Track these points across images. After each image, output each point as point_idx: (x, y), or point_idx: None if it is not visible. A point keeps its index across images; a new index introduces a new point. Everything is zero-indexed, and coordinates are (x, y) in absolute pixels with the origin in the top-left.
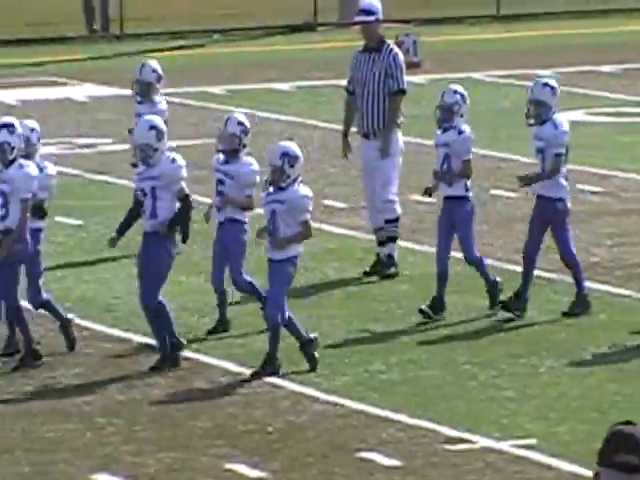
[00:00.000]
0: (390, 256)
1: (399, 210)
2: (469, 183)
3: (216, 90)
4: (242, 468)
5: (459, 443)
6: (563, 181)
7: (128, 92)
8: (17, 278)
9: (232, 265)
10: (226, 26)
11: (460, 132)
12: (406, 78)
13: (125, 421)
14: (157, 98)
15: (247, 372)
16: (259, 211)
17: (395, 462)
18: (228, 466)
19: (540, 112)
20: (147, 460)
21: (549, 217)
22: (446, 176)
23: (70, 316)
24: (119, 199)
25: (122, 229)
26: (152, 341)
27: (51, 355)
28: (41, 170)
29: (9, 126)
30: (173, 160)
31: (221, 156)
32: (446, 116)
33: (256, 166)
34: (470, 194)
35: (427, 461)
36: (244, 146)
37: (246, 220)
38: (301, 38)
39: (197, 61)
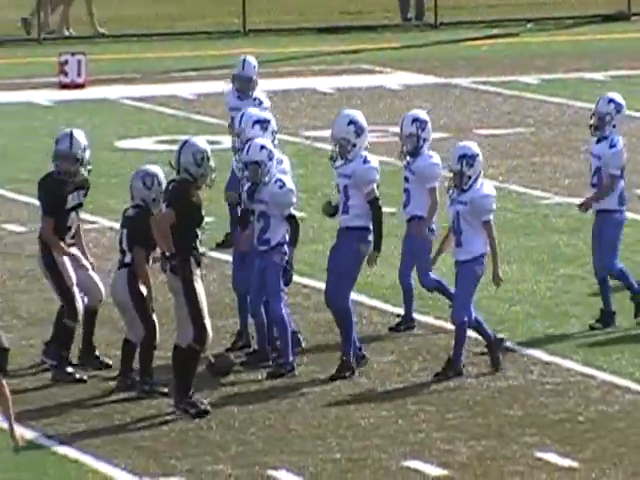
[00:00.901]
0: None
1: None
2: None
3: (530, 79)
4: (553, 457)
5: None
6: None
7: (442, 81)
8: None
9: (419, 264)
10: (538, 15)
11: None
12: None
13: (437, 408)
14: (257, 94)
15: (560, 362)
16: None
17: None
18: (539, 455)
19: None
20: (459, 447)
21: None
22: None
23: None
24: None
25: None
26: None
27: (368, 342)
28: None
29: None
30: (365, 160)
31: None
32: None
33: (437, 159)
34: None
35: None
36: (424, 141)
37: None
38: (614, 27)
39: (510, 50)
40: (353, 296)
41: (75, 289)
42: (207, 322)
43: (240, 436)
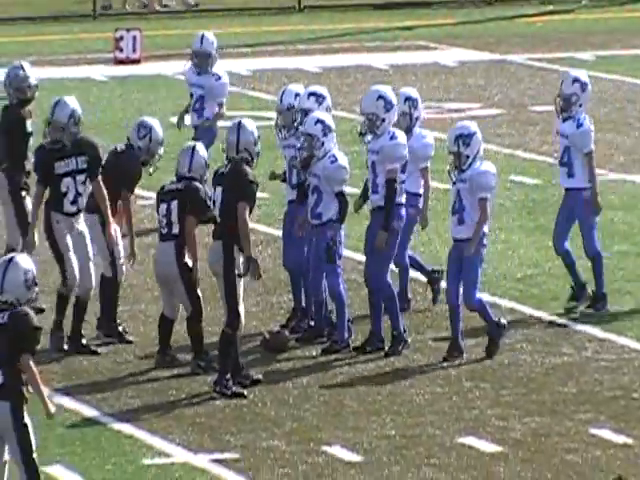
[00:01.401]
0: None
1: None
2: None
3: (585, 56)
4: (607, 434)
5: None
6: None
7: (497, 57)
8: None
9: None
10: None
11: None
12: None
13: (491, 385)
14: (215, 70)
15: (615, 338)
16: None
17: None
18: (593, 431)
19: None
20: (513, 424)
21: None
22: None
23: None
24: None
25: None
26: (519, 306)
27: (422, 318)
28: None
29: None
30: (393, 137)
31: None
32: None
33: (430, 139)
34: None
35: None
36: (416, 119)
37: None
38: None
39: (566, 27)
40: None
41: (71, 256)
42: (241, 308)
43: (294, 412)
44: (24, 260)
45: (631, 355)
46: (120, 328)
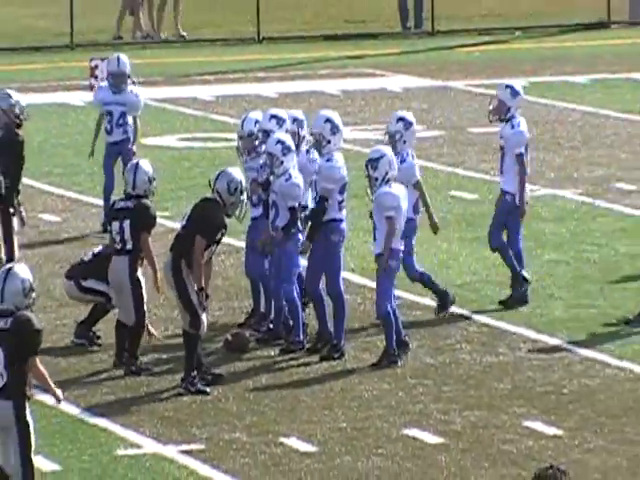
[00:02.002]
0: None
1: None
2: None
3: (518, 82)
4: (539, 426)
5: None
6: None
7: (439, 83)
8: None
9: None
10: (526, 24)
11: None
12: None
13: (434, 382)
14: (130, 88)
15: (546, 339)
16: None
17: None
18: (526, 424)
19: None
20: (454, 417)
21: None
22: None
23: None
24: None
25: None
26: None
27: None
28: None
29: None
30: (329, 159)
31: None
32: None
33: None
34: None
35: None
36: (303, 138)
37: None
38: (595, 35)
39: (501, 56)
40: (366, 282)
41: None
42: (199, 310)
43: (254, 407)
44: (21, 269)
45: (561, 354)
46: (90, 333)
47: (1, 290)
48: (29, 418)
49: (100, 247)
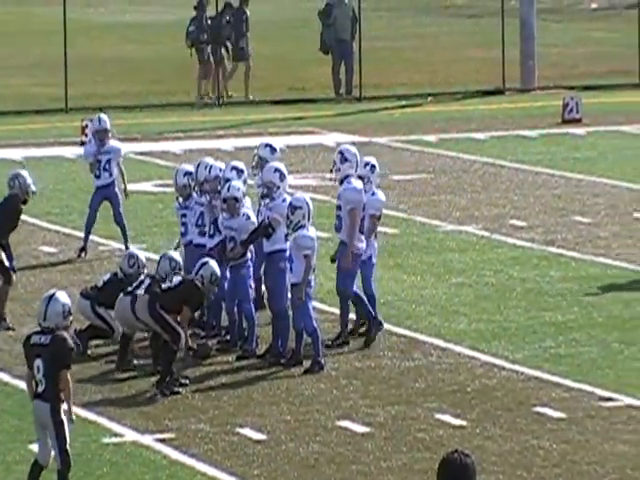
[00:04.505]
0: None
1: None
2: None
3: (431, 138)
4: (448, 418)
5: (609, 401)
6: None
7: (366, 139)
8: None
9: None
10: (436, 91)
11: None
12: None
13: (362, 382)
14: (113, 142)
15: (453, 347)
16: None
17: (561, 415)
18: (437, 416)
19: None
20: (378, 411)
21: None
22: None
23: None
24: None
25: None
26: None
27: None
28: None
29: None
30: (284, 200)
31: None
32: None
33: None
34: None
35: (585, 414)
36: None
37: None
38: (492, 99)
39: (416, 116)
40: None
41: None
42: (177, 327)
43: (215, 403)
44: (62, 296)
45: (465, 360)
46: (86, 342)
47: (45, 311)
48: (63, 417)
49: (108, 275)
